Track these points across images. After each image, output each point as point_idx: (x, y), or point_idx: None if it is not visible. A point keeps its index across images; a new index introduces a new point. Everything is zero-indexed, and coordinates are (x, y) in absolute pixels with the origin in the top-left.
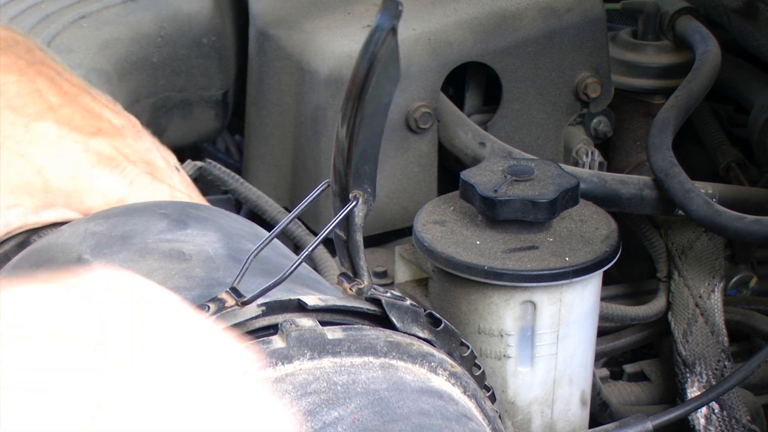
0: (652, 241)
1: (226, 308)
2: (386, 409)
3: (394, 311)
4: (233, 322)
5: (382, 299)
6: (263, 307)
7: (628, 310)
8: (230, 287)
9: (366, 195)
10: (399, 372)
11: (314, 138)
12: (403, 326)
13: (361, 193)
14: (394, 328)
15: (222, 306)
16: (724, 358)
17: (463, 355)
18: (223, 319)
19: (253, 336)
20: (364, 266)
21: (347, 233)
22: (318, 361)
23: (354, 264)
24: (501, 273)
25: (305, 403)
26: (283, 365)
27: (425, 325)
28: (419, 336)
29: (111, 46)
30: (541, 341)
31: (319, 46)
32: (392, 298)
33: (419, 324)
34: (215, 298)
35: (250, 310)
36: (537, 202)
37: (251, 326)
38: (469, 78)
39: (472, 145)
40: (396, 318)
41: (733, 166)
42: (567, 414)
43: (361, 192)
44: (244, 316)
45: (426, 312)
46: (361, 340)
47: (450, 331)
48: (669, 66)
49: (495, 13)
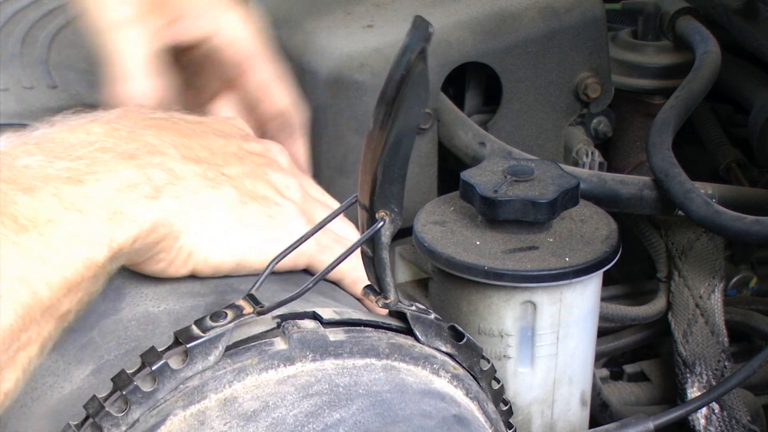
0: (652, 241)
1: (243, 315)
2: (388, 411)
3: (419, 325)
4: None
5: (407, 313)
6: (278, 319)
7: (628, 310)
8: (248, 294)
9: (393, 215)
10: (401, 374)
11: (314, 138)
12: (427, 340)
13: (388, 212)
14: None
15: (240, 313)
16: (724, 359)
17: (484, 369)
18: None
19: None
20: (390, 282)
21: (373, 251)
22: (320, 362)
23: (380, 280)
24: (501, 273)
25: (307, 405)
26: (285, 367)
27: (448, 339)
28: (441, 350)
29: None
30: (541, 341)
31: (319, 46)
32: (417, 312)
33: (442, 338)
34: (233, 305)
35: (265, 322)
36: (537, 203)
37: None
38: (469, 78)
39: (472, 145)
40: (420, 332)
41: (733, 166)
42: (567, 414)
43: (388, 212)
44: (258, 329)
45: (449, 326)
46: (363, 342)
47: (472, 345)
48: (669, 66)
49: (495, 13)
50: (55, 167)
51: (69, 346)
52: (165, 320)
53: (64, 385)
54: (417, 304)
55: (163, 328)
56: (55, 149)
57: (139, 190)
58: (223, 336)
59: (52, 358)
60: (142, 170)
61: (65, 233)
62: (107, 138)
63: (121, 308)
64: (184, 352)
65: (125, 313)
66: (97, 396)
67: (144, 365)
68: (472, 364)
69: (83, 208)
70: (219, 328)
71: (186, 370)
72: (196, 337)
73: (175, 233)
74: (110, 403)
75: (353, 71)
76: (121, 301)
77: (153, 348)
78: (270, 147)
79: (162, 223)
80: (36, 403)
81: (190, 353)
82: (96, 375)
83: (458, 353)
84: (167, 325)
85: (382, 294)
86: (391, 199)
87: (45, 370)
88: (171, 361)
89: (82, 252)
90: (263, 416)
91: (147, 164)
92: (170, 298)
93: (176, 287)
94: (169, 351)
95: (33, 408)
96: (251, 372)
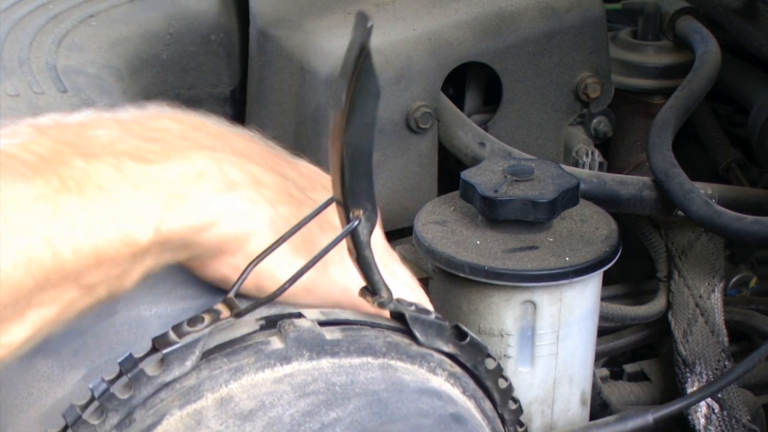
0: (652, 241)
1: (221, 320)
2: (385, 410)
3: (418, 325)
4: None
5: (406, 314)
6: (262, 321)
7: (628, 310)
8: (225, 298)
9: (367, 212)
10: (398, 372)
11: (314, 138)
12: (427, 341)
13: (362, 210)
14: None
15: (217, 318)
16: (724, 358)
17: (489, 369)
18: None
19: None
20: (380, 280)
21: (356, 251)
22: (316, 361)
23: (369, 279)
24: (501, 273)
25: (304, 404)
26: (282, 366)
27: (450, 338)
28: (443, 351)
29: (121, 43)
30: (541, 341)
31: (319, 46)
32: (416, 312)
33: (443, 338)
34: (211, 309)
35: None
36: (537, 202)
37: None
38: (469, 78)
39: (472, 145)
40: (419, 332)
41: (733, 166)
42: (567, 414)
43: (362, 209)
44: (240, 332)
45: (453, 325)
46: (359, 341)
47: (476, 344)
48: (669, 66)
49: (495, 13)
50: (127, 143)
51: (64, 351)
52: (155, 324)
53: (58, 390)
54: (416, 304)
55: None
56: (134, 128)
57: (209, 181)
58: (199, 341)
59: (48, 363)
60: (218, 164)
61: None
62: (193, 131)
63: (115, 311)
64: (161, 358)
65: (119, 317)
66: (74, 404)
67: (122, 372)
68: (477, 364)
69: (141, 185)
70: (195, 333)
71: (162, 375)
72: (173, 342)
73: (242, 238)
74: (89, 412)
75: None
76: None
77: (130, 355)
78: None
79: (227, 221)
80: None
81: (167, 359)
82: (87, 380)
83: (461, 353)
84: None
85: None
86: (362, 196)
87: (41, 375)
88: (147, 368)
89: (123, 226)
90: (260, 415)
91: (226, 161)
92: (162, 302)
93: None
94: (147, 358)
95: (29, 412)
96: (248, 371)
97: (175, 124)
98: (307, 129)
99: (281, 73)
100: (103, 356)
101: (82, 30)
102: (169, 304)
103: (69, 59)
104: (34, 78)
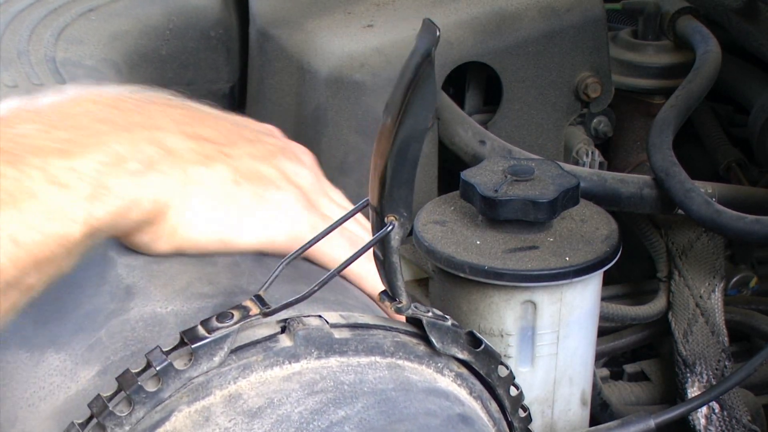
0: (652, 241)
1: (250, 316)
2: (393, 409)
3: (435, 331)
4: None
5: (423, 319)
6: (282, 323)
7: (628, 310)
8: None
9: (402, 219)
10: (406, 372)
11: (315, 138)
12: (443, 347)
13: (397, 216)
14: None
15: (246, 314)
16: (724, 358)
17: (502, 376)
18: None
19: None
20: (401, 286)
21: (384, 255)
22: (325, 360)
23: (391, 284)
24: (501, 273)
25: (312, 402)
26: (290, 364)
27: (465, 345)
28: (458, 357)
29: (120, 38)
30: (541, 341)
31: (319, 46)
32: (433, 318)
33: (459, 345)
34: (239, 306)
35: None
36: (537, 202)
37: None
38: (469, 78)
39: (472, 143)
40: (436, 338)
41: (733, 166)
42: (567, 414)
43: (397, 216)
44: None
45: (466, 332)
46: (368, 340)
47: (489, 351)
48: (669, 66)
49: (495, 13)
50: (51, 137)
51: (77, 346)
52: (172, 321)
53: (71, 386)
54: (434, 310)
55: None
56: (53, 118)
57: (126, 165)
58: (229, 337)
59: (60, 357)
60: (133, 145)
61: (42, 210)
62: (111, 110)
63: (129, 308)
64: (190, 352)
65: (133, 313)
66: (101, 395)
67: (149, 365)
68: (490, 371)
69: (67, 183)
70: (224, 329)
71: (191, 370)
72: (202, 337)
73: (160, 209)
74: (114, 403)
75: (353, 71)
76: (130, 301)
77: (158, 348)
78: (294, 144)
79: (146, 199)
80: (43, 403)
81: (195, 354)
82: (102, 376)
83: (475, 360)
84: (174, 326)
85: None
86: (400, 203)
87: (53, 369)
88: (176, 362)
89: (56, 229)
90: (268, 413)
91: (140, 139)
92: (178, 299)
93: (185, 288)
94: (175, 351)
95: (40, 407)
96: (256, 369)
97: (93, 106)
98: (307, 129)
99: (281, 72)
100: (119, 353)
101: (82, 23)
102: (185, 301)
103: (67, 52)
104: (33, 70)
